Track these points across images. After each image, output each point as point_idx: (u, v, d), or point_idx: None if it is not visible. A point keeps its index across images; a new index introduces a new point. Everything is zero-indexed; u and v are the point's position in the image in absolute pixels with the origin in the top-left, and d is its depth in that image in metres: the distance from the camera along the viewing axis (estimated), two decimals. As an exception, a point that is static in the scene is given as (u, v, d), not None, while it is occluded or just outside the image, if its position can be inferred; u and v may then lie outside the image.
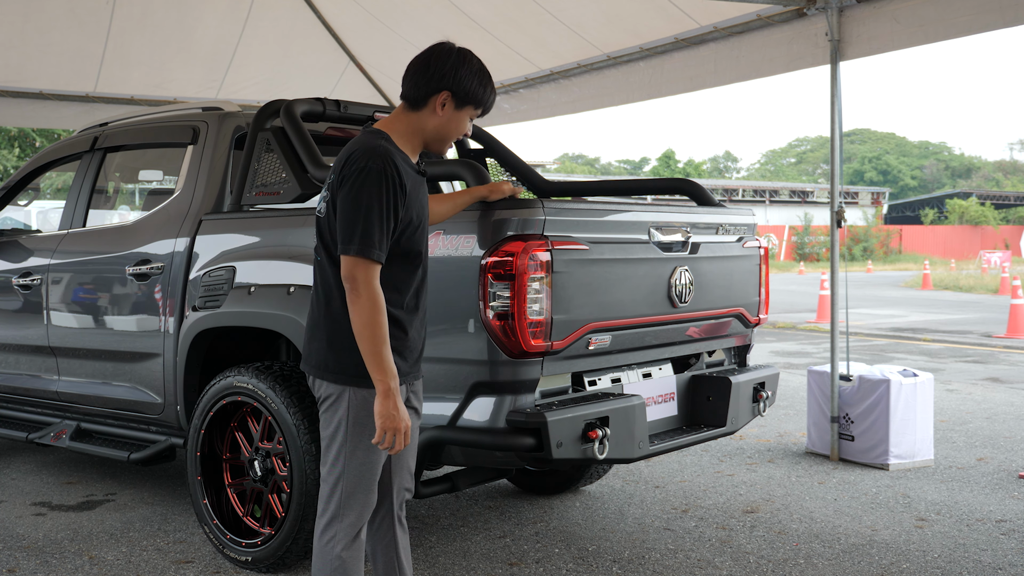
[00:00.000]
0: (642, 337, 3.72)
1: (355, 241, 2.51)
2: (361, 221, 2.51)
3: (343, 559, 2.72)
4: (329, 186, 2.64)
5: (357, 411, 2.66)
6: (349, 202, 2.53)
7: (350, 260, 2.52)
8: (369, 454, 2.70)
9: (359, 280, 2.51)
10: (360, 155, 2.56)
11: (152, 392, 4.39)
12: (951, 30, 5.02)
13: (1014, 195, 55.48)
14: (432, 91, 2.67)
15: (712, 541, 4.29)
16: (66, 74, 8.39)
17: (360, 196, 2.52)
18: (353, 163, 2.55)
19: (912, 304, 19.11)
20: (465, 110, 2.71)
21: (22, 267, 5.02)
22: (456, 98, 2.68)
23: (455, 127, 2.73)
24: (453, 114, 2.70)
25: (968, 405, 7.68)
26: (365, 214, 2.51)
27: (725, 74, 6.31)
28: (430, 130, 2.71)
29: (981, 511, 4.75)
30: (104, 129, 5.05)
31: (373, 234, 2.51)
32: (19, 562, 4.02)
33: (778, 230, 42.78)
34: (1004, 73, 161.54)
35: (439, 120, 2.70)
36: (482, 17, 7.28)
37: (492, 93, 2.76)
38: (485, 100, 2.74)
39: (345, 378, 2.64)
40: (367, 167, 2.53)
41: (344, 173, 2.57)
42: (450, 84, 2.66)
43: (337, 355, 2.65)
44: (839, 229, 5.68)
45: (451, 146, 2.84)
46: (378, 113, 4.45)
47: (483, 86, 2.72)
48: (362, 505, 2.74)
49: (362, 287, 2.51)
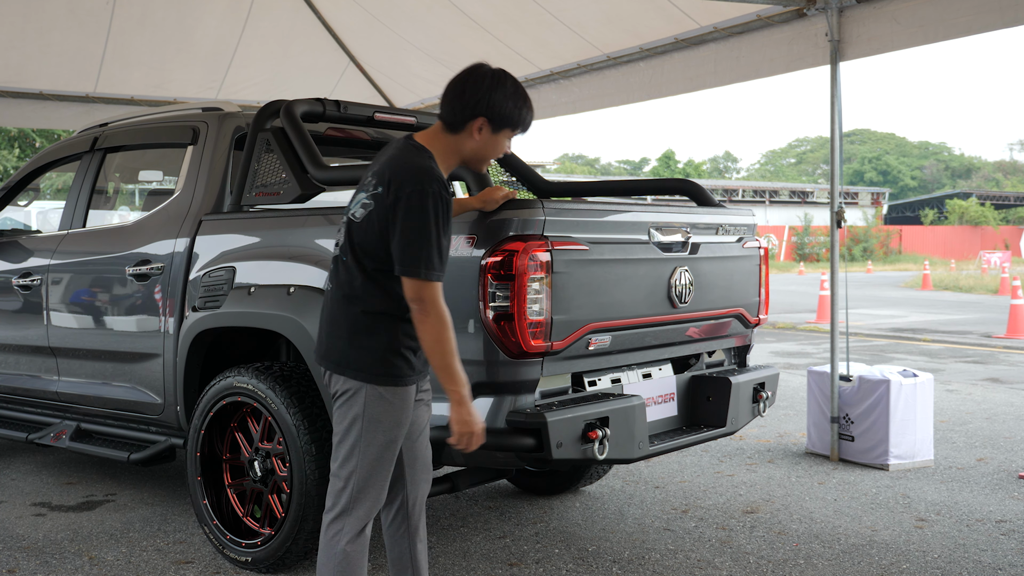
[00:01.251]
0: (642, 337, 3.72)
1: (420, 264, 2.59)
2: (424, 245, 2.59)
3: (347, 553, 2.79)
4: (373, 196, 2.68)
5: (373, 407, 2.75)
6: (411, 225, 2.59)
7: (417, 283, 2.60)
8: (383, 450, 2.78)
9: (427, 301, 2.61)
10: (417, 176, 2.62)
11: (152, 392, 4.39)
12: (951, 30, 5.02)
13: (1014, 195, 55.49)
14: (468, 117, 2.74)
15: (712, 541, 4.29)
16: (66, 74, 8.39)
17: (422, 219, 2.59)
18: (411, 184, 2.61)
19: (912, 304, 19.12)
20: (502, 132, 2.80)
21: (22, 267, 5.02)
22: (492, 123, 2.76)
23: (493, 149, 2.82)
24: (490, 137, 2.79)
25: (968, 405, 7.68)
26: (427, 237, 2.59)
27: (725, 74, 6.31)
28: (468, 152, 2.80)
29: (981, 511, 4.75)
30: (104, 129, 5.05)
31: (434, 256, 2.60)
32: (19, 562, 4.02)
33: (778, 230, 42.79)
34: (1004, 73, 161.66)
35: (477, 144, 2.78)
36: (482, 17, 7.28)
37: (529, 113, 2.83)
38: (522, 121, 2.82)
39: (364, 375, 2.73)
40: (426, 191, 2.60)
41: (400, 193, 2.61)
42: (485, 110, 2.74)
43: (358, 353, 2.73)
44: (839, 229, 5.68)
45: (489, 164, 2.91)
46: (378, 114, 4.44)
47: (518, 108, 2.79)
48: (372, 501, 2.81)
49: (430, 307, 2.62)
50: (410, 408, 2.83)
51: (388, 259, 2.67)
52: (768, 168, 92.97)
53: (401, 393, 2.78)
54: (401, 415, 2.80)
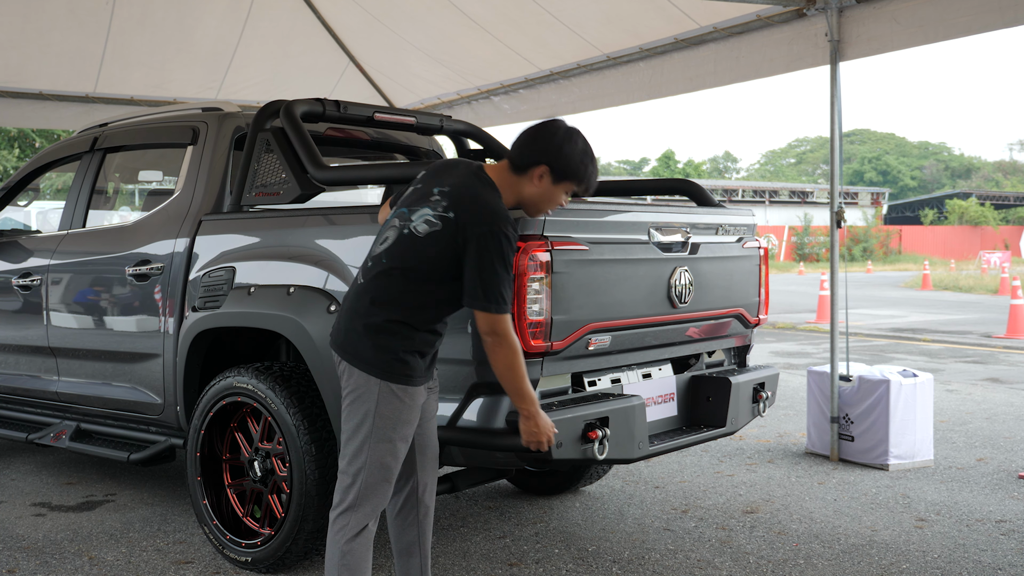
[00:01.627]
0: (642, 337, 3.72)
1: (495, 301, 2.76)
2: (499, 283, 2.76)
3: (353, 548, 2.86)
4: (442, 219, 2.77)
5: (386, 405, 2.83)
6: (487, 265, 2.74)
7: (491, 317, 2.78)
8: (393, 446, 2.86)
9: (500, 333, 2.80)
10: (495, 218, 2.75)
11: (152, 392, 4.39)
12: (951, 30, 5.02)
13: (1014, 195, 55.48)
14: (533, 162, 2.88)
15: (712, 541, 4.29)
16: (66, 74, 8.39)
17: (498, 261, 2.75)
18: (489, 225, 2.73)
19: (912, 304, 19.12)
20: (562, 185, 2.91)
21: (22, 267, 5.02)
22: (554, 173, 2.89)
23: (549, 200, 2.95)
24: (550, 187, 2.91)
25: (968, 405, 7.68)
26: (502, 277, 2.76)
27: (725, 74, 6.31)
28: (526, 196, 2.92)
29: (981, 511, 4.75)
30: (104, 130, 5.05)
31: (507, 294, 2.79)
32: (19, 562, 4.02)
33: (778, 230, 42.79)
34: (1004, 73, 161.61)
35: (536, 190, 2.91)
36: (482, 17, 7.28)
37: (593, 173, 2.95)
38: (584, 179, 2.93)
39: (379, 371, 2.81)
40: (504, 234, 2.74)
41: (478, 232, 2.72)
42: (550, 159, 2.87)
43: (375, 352, 2.81)
44: (839, 229, 5.68)
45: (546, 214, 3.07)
46: (378, 115, 4.44)
47: (583, 166, 2.91)
48: (379, 497, 2.88)
49: (503, 339, 2.80)
50: (419, 408, 2.92)
51: (435, 276, 2.79)
52: (768, 168, 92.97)
53: (412, 392, 2.87)
54: (412, 414, 2.89)
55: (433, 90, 8.79)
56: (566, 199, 2.98)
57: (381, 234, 2.93)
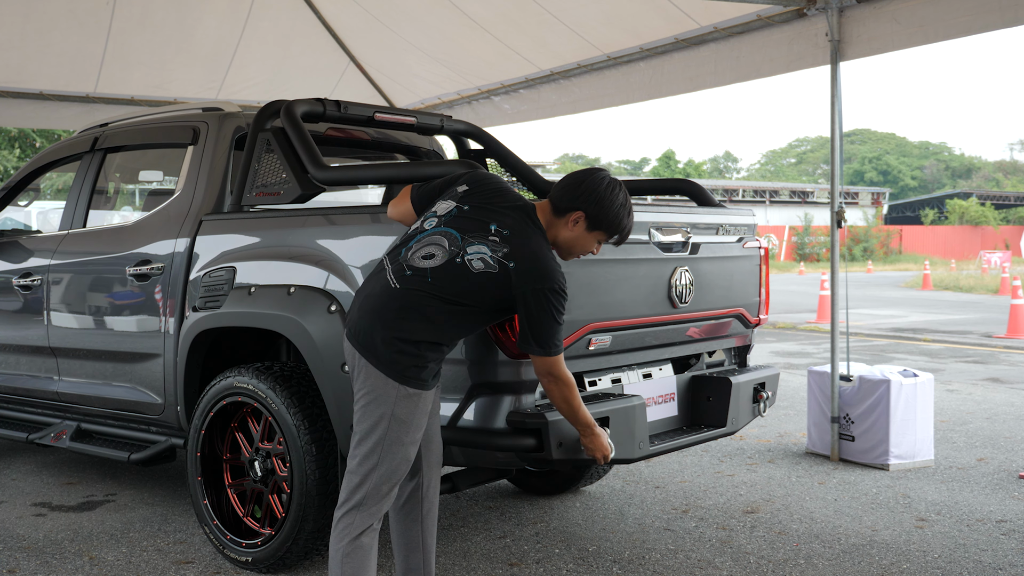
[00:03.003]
0: (642, 337, 3.72)
1: (552, 346, 2.91)
2: (555, 330, 2.90)
3: (358, 547, 2.88)
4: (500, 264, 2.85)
5: (402, 408, 2.87)
6: (545, 316, 2.87)
7: (548, 360, 2.92)
8: (405, 450, 2.90)
9: (556, 374, 2.95)
10: (552, 275, 2.86)
11: (152, 392, 4.39)
12: (951, 30, 5.02)
13: (1014, 195, 55.48)
14: (571, 207, 2.97)
15: (712, 541, 4.29)
16: (66, 74, 8.38)
17: (554, 312, 2.87)
18: (547, 281, 2.85)
19: (912, 304, 19.12)
20: (595, 233, 3.00)
21: (22, 267, 5.02)
22: (588, 220, 2.97)
23: (582, 246, 3.03)
24: (583, 233, 2.99)
25: (968, 405, 7.68)
26: (556, 324, 2.89)
27: (725, 74, 6.31)
28: (560, 239, 3.00)
29: (981, 511, 4.75)
30: (104, 130, 5.05)
31: (559, 339, 2.92)
32: (19, 563, 4.02)
33: (778, 230, 42.78)
34: (1004, 73, 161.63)
35: (570, 234, 3.00)
36: (482, 17, 7.28)
37: (628, 226, 3.04)
38: (617, 231, 3.02)
39: (397, 375, 2.85)
40: (559, 289, 2.86)
41: (537, 287, 2.83)
42: (587, 206, 2.96)
43: (397, 356, 2.85)
44: (839, 229, 5.68)
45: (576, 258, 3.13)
46: (378, 115, 4.44)
47: (618, 218, 2.99)
48: (386, 498, 2.92)
49: (558, 378, 2.96)
50: (428, 411, 2.97)
51: (481, 308, 2.89)
52: (768, 168, 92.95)
53: (426, 397, 2.92)
54: (423, 418, 2.94)
55: (433, 90, 8.79)
56: (598, 247, 3.06)
57: (422, 244, 2.92)
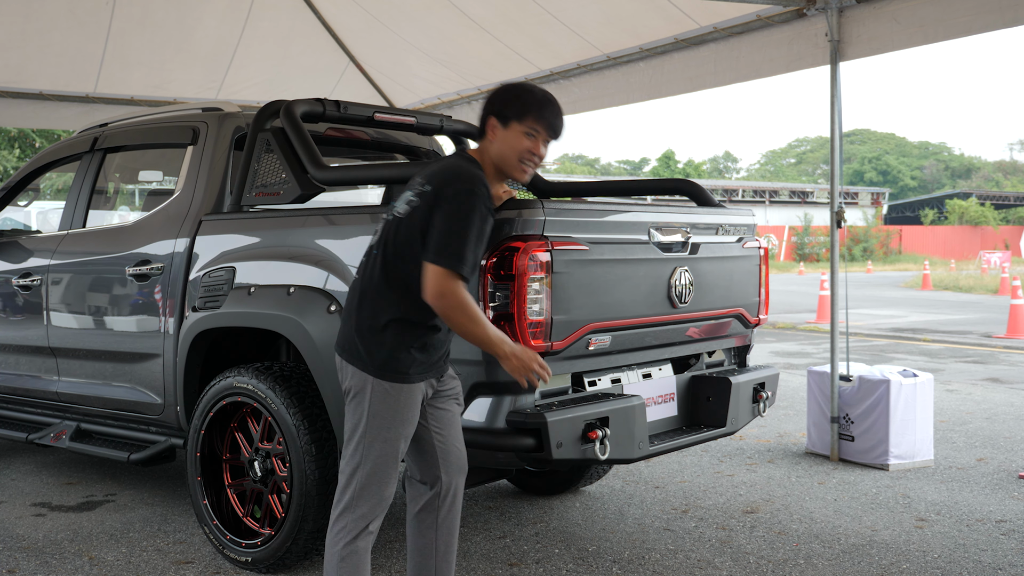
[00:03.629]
0: (642, 337, 3.72)
1: (446, 255, 2.66)
2: (460, 239, 2.66)
3: (350, 550, 2.82)
4: (420, 194, 2.75)
5: (378, 404, 2.80)
6: (452, 218, 2.68)
7: (442, 273, 2.66)
8: (386, 446, 2.82)
9: (446, 289, 2.66)
10: (467, 178, 2.72)
11: (152, 393, 4.39)
12: (951, 31, 5.02)
13: (1014, 195, 55.47)
14: (484, 120, 2.89)
15: (712, 541, 4.29)
16: (66, 75, 8.39)
17: (464, 216, 2.67)
18: (460, 183, 2.71)
19: (912, 304, 19.12)
20: (512, 127, 2.84)
21: (22, 268, 5.02)
22: (499, 117, 2.86)
23: (512, 146, 2.86)
24: (503, 133, 2.86)
25: (968, 405, 7.68)
26: (465, 234, 2.67)
27: (725, 74, 6.31)
28: (493, 155, 2.88)
29: (981, 511, 4.75)
30: (104, 130, 5.05)
31: (467, 253, 2.67)
32: (19, 563, 4.02)
33: (778, 230, 42.78)
34: (1004, 73, 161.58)
35: (495, 145, 2.87)
36: (482, 17, 7.28)
37: (531, 99, 2.87)
38: (529, 107, 2.85)
39: (371, 368, 2.79)
40: (475, 192, 2.69)
41: (448, 190, 2.70)
42: (492, 107, 2.87)
43: (368, 347, 2.80)
44: (839, 229, 5.68)
45: (524, 174, 2.91)
46: (378, 115, 4.44)
47: (520, 98, 2.86)
48: (375, 498, 2.84)
49: (449, 296, 2.67)
50: (417, 406, 2.87)
51: (415, 252, 2.74)
52: (768, 168, 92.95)
53: (407, 390, 2.83)
54: (406, 412, 2.84)
55: (433, 90, 8.79)
56: (532, 142, 2.85)
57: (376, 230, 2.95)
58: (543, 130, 2.86)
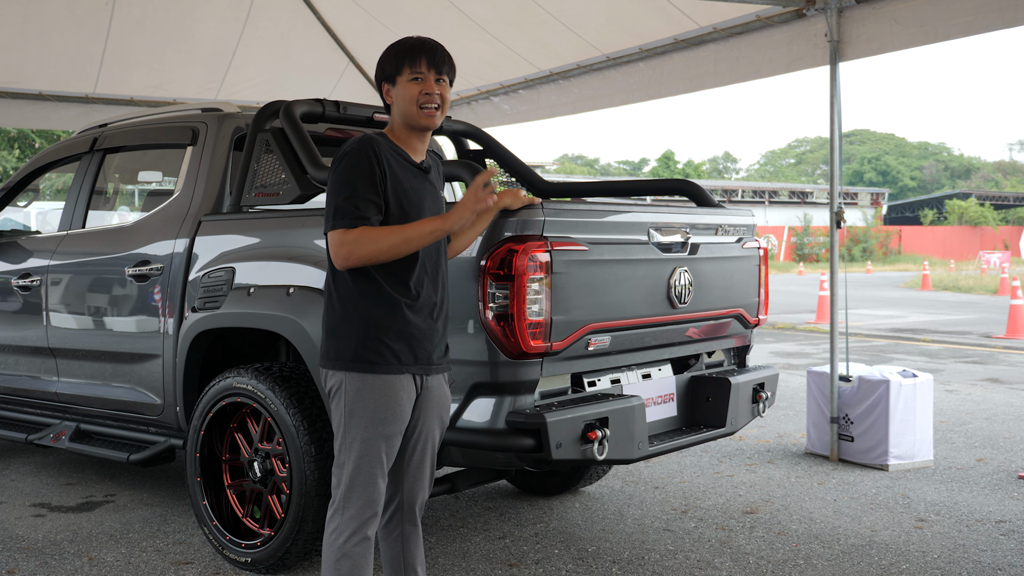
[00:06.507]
0: (642, 338, 3.72)
1: (334, 218, 2.66)
2: (337, 198, 2.66)
3: (345, 552, 2.75)
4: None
5: (352, 400, 2.74)
6: (330, 187, 2.70)
7: (333, 235, 2.65)
8: (366, 446, 2.74)
9: (345, 248, 2.64)
10: (343, 151, 2.73)
11: (151, 393, 4.39)
12: (951, 31, 5.02)
13: (1013, 196, 55.47)
14: (380, 93, 2.86)
15: (712, 542, 4.29)
16: (66, 75, 8.38)
17: (336, 178, 2.68)
18: (336, 159, 2.72)
19: (911, 305, 19.12)
20: (398, 82, 2.81)
21: (21, 268, 5.02)
22: (386, 76, 2.83)
23: (404, 99, 2.80)
24: (396, 92, 2.83)
25: (967, 406, 7.68)
26: (340, 191, 2.66)
27: (724, 75, 6.31)
28: (398, 117, 2.83)
29: (981, 512, 4.75)
30: (103, 130, 5.05)
31: (347, 206, 2.64)
32: (19, 563, 4.02)
33: (777, 231, 42.79)
34: (1004, 73, 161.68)
35: (396, 107, 2.83)
36: (482, 17, 7.28)
37: (407, 51, 2.80)
38: (403, 61, 2.80)
39: (341, 363, 2.75)
40: (347, 152, 2.70)
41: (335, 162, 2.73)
42: (380, 75, 2.85)
43: (336, 343, 2.76)
44: (838, 230, 5.68)
45: (431, 118, 2.81)
46: (378, 115, 4.44)
47: (391, 54, 2.83)
48: (364, 498, 2.76)
49: (352, 247, 2.63)
50: (400, 401, 2.75)
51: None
52: (767, 168, 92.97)
53: (383, 383, 2.72)
54: (385, 410, 2.73)
55: (433, 90, 8.77)
56: (421, 84, 2.78)
57: None
58: (425, 69, 2.79)
